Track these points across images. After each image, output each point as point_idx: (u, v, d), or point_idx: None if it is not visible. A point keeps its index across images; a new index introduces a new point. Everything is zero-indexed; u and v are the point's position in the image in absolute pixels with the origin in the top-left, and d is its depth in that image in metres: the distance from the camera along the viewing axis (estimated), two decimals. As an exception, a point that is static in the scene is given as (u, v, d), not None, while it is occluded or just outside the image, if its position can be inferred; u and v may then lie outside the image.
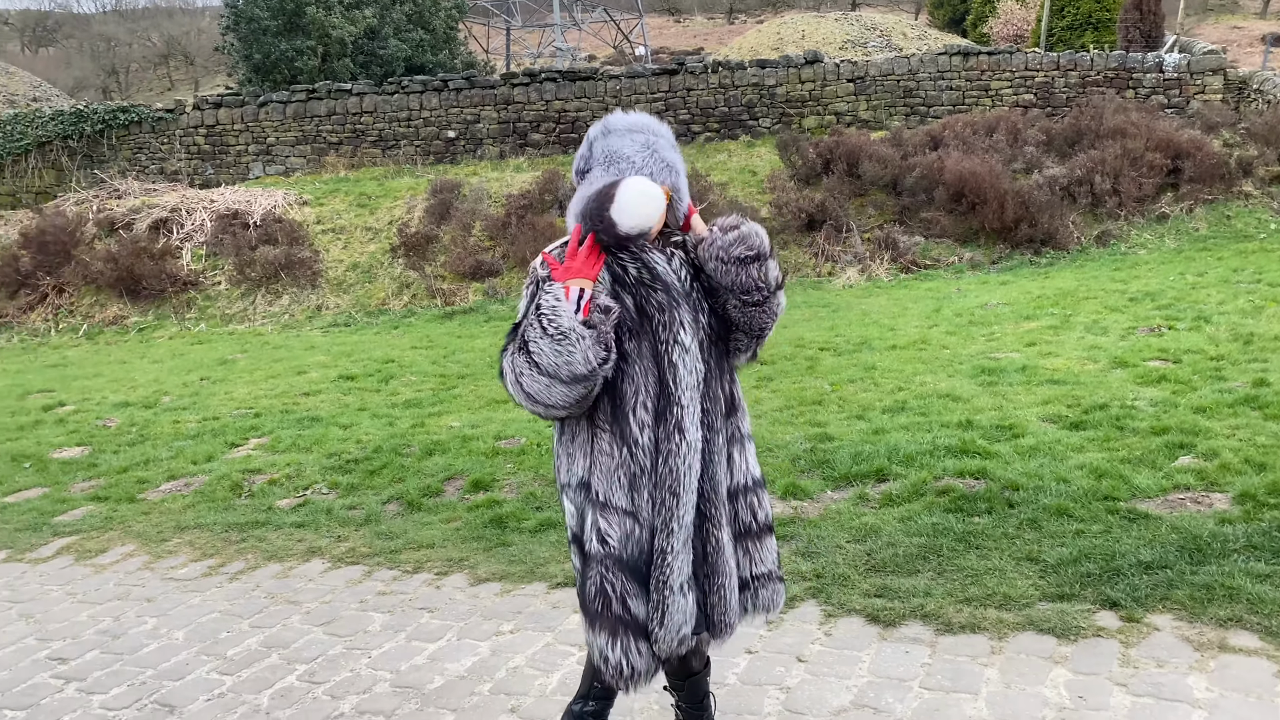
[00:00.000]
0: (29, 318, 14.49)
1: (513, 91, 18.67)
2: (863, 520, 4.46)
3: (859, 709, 3.07)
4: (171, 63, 55.80)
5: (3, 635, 4.07)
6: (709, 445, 2.47)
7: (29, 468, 6.68)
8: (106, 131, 18.75)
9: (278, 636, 3.88)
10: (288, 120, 18.86)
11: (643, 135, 2.46)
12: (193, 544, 4.99)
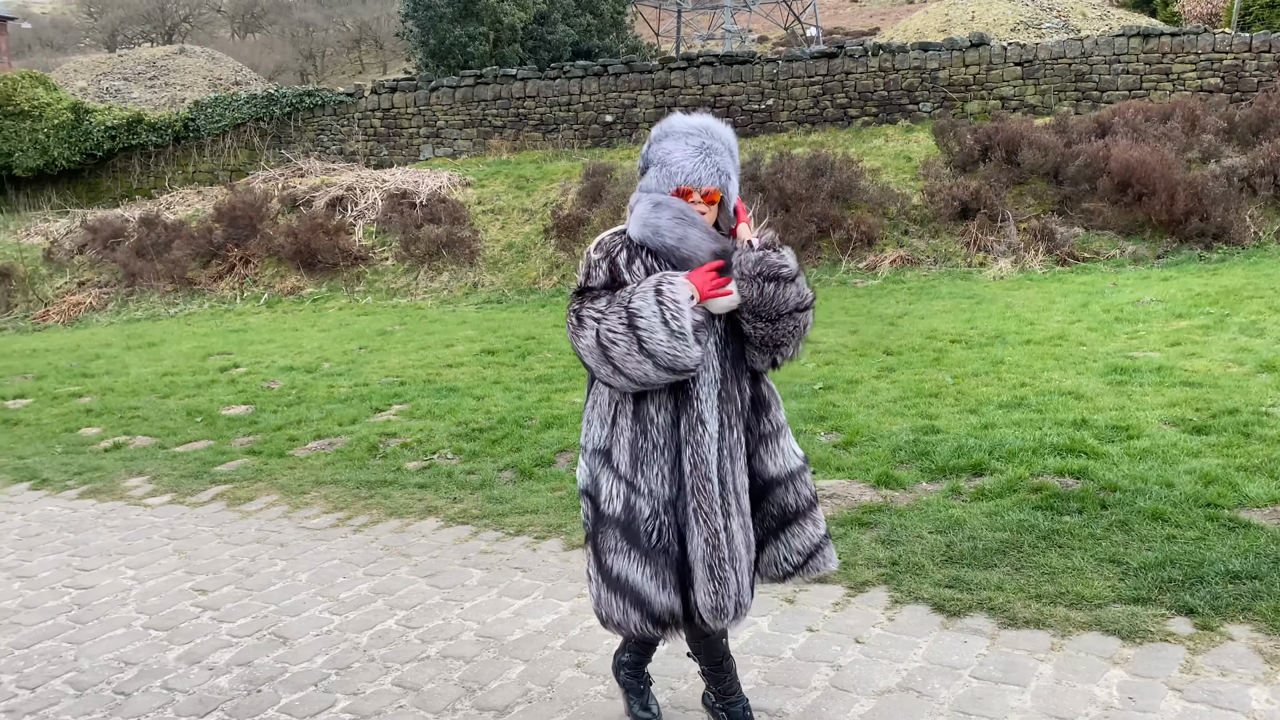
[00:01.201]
0: (219, 286, 15.82)
1: (670, 76, 18.91)
2: (949, 513, 4.48)
3: (903, 691, 3.16)
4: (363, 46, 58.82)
5: (158, 567, 4.63)
6: (722, 441, 2.64)
7: (200, 422, 7.42)
8: (294, 114, 20.13)
9: (386, 584, 4.27)
10: (456, 104, 19.74)
11: (699, 138, 2.60)
12: (327, 497, 5.49)
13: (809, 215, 14.24)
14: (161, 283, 15.84)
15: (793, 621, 3.69)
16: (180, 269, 15.96)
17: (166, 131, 20.22)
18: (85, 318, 15.47)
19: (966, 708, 3.05)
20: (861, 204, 14.58)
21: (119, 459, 6.59)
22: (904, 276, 12.99)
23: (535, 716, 3.15)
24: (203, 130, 20.17)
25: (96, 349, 11.68)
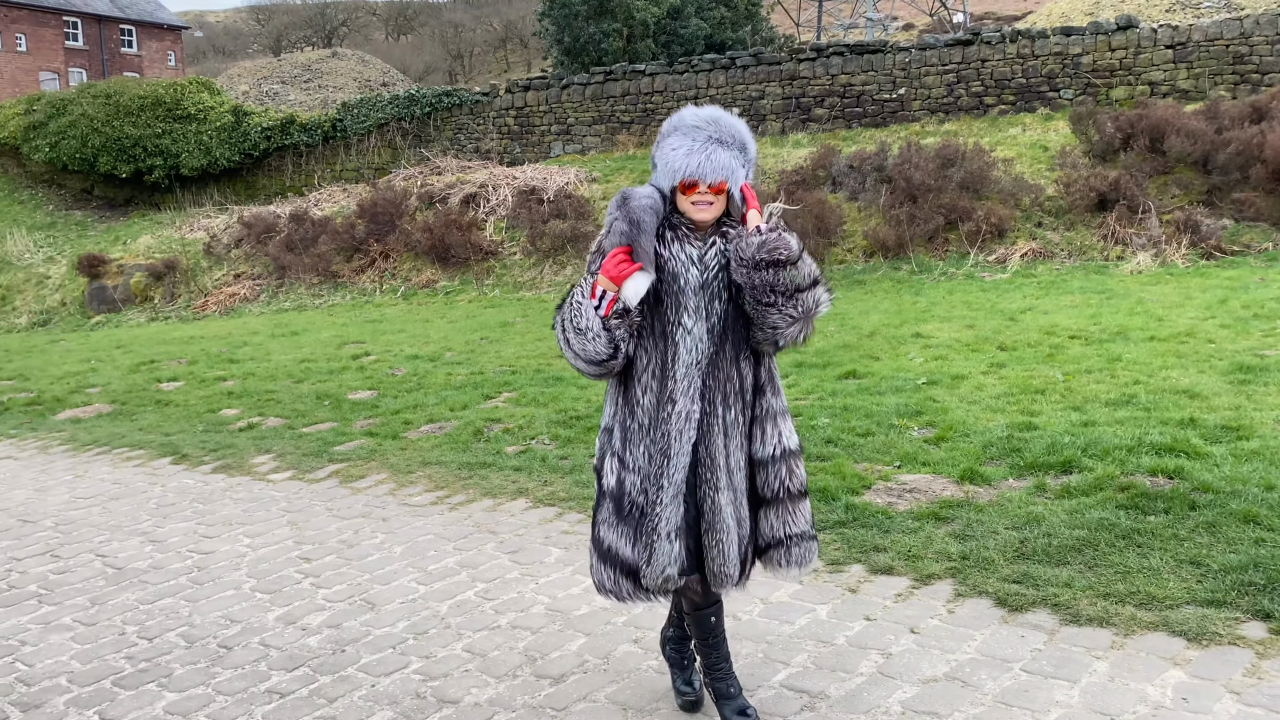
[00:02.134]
0: (360, 279, 16.67)
1: (798, 67, 18.78)
2: (1029, 509, 4.41)
3: (948, 681, 3.18)
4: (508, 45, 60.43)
5: (271, 536, 5.02)
6: (708, 418, 2.73)
7: (327, 405, 7.92)
8: (433, 114, 20.96)
9: (471, 559, 4.52)
10: (586, 101, 20.14)
11: (705, 131, 2.68)
12: (430, 477, 5.81)
13: (937, 206, 13.94)
14: (308, 275, 16.79)
15: (851, 610, 3.74)
16: (325, 262, 16.88)
17: (316, 132, 21.36)
18: (239, 308, 16.56)
19: (1010, 699, 3.04)
20: (993, 195, 14.17)
21: (251, 438, 7.12)
22: (1035, 270, 12.58)
23: (587, 686, 3.31)
24: (349, 130, 21.22)
25: (245, 337, 12.53)
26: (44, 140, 21.72)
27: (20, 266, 19.92)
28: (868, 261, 13.86)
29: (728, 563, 2.77)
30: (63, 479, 6.45)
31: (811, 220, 14.24)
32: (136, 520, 5.44)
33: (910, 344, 8.47)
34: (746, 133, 2.75)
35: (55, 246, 20.43)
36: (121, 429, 7.78)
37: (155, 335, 14.14)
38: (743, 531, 2.82)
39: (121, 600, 4.31)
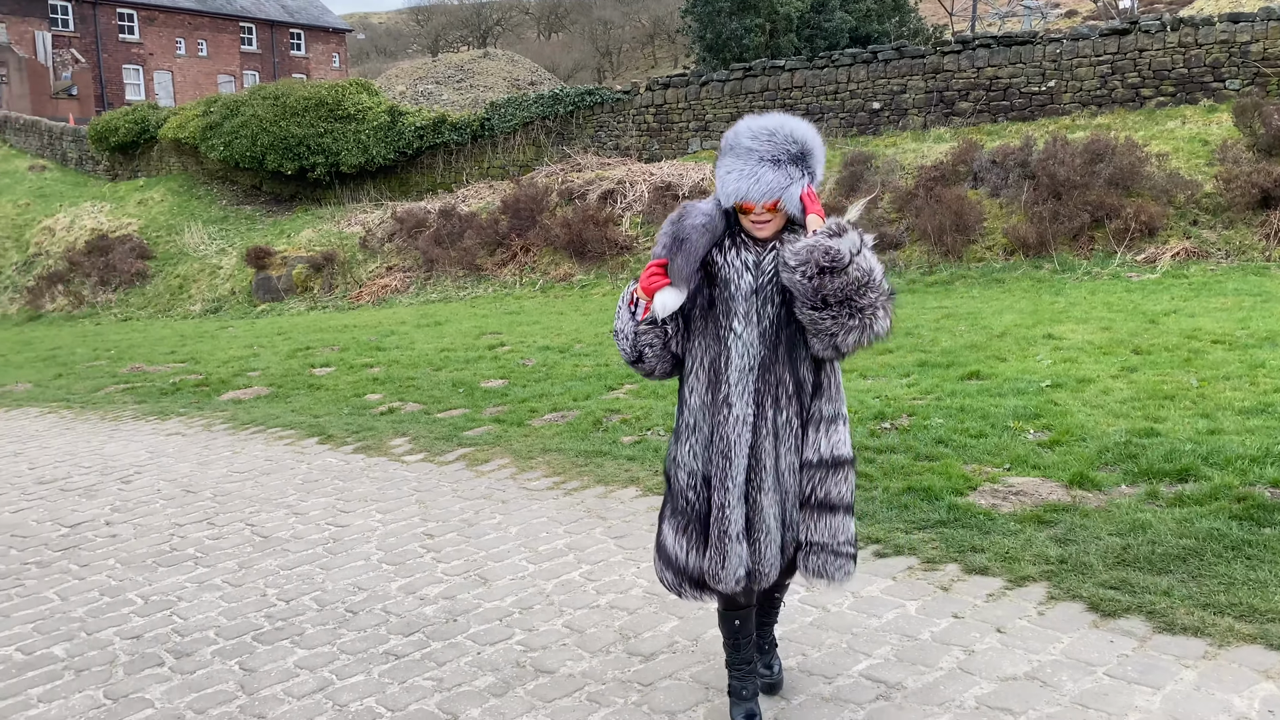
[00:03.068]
0: (502, 272, 17.30)
1: (942, 60, 18.36)
2: (1136, 516, 4.34)
3: (1027, 680, 3.21)
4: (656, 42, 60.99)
5: (400, 513, 5.41)
6: (758, 421, 2.81)
7: (461, 392, 8.35)
8: (575, 112, 21.47)
9: (580, 542, 4.77)
10: (724, 98, 20.24)
11: (756, 152, 2.72)
12: (549, 464, 6.10)
13: (1082, 203, 13.45)
14: (454, 268, 17.54)
15: (940, 607, 3.79)
16: (470, 256, 17.59)
17: (466, 130, 22.20)
18: (390, 298, 17.45)
19: (1087, 701, 3.06)
20: (1144, 192, 13.57)
21: (390, 421, 7.60)
22: (1187, 271, 12.01)
23: (674, 665, 3.50)
24: (496, 129, 21.96)
25: (393, 326, 13.24)
26: (219, 139, 23.33)
27: (196, 258, 21.52)
28: (1007, 260, 13.50)
29: (763, 561, 2.86)
30: (222, 454, 7.06)
31: (950, 217, 13.98)
32: (283, 494, 5.94)
33: (1040, 345, 8.28)
34: (809, 138, 2.78)
35: (227, 239, 21.96)
36: (276, 410, 8.43)
37: (313, 323, 15.09)
38: (788, 534, 2.89)
39: (265, 565, 4.76)
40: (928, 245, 14.13)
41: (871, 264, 2.69)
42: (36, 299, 21.99)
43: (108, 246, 22.35)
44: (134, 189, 25.72)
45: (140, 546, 5.15)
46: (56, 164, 30.64)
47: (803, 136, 2.77)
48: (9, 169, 30.45)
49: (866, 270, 2.67)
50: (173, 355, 12.25)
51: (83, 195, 26.30)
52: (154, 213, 23.96)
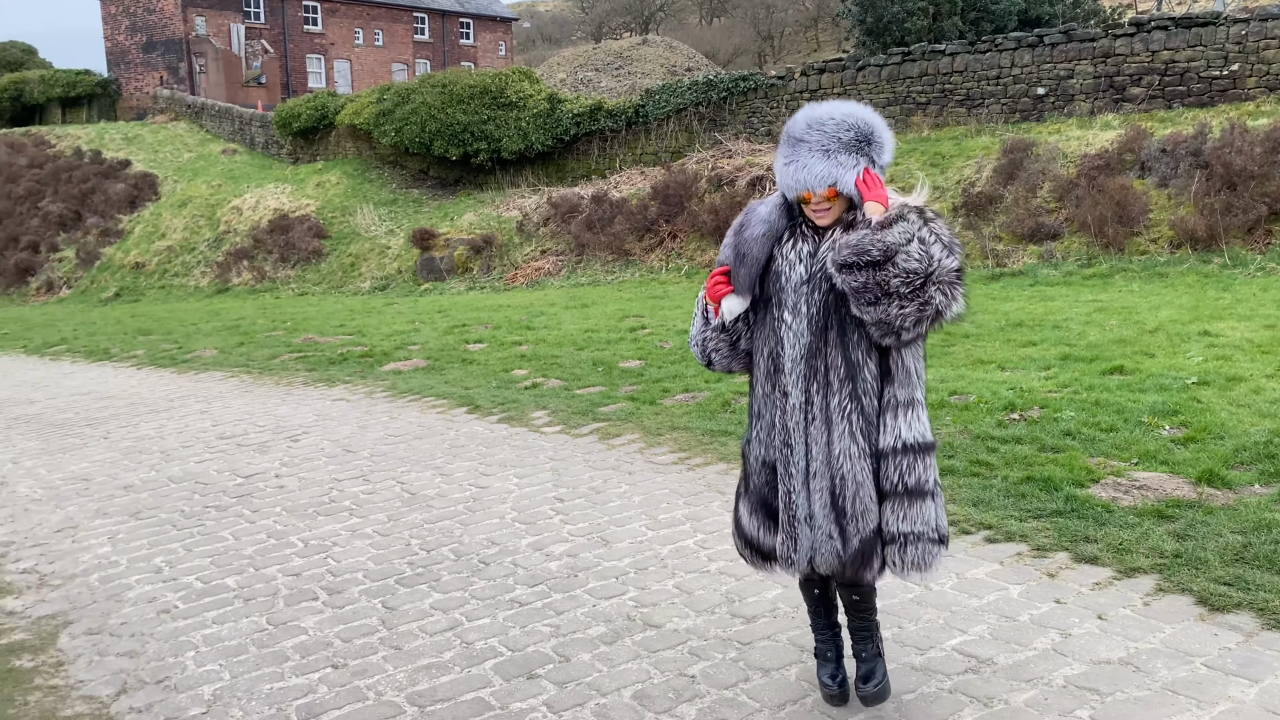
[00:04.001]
0: (649, 257, 17.66)
1: (1114, 43, 17.55)
2: (1263, 515, 4.24)
3: (1120, 665, 3.26)
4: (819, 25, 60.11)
5: (535, 479, 5.78)
6: (808, 407, 2.85)
7: (600, 371, 8.71)
8: (729, 98, 21.58)
9: (697, 513, 5.01)
10: (881, 83, 19.94)
11: (807, 142, 2.74)
12: (676, 440, 6.36)
13: (1260, 194, 12.70)
14: (603, 253, 18.01)
15: (1043, 593, 3.84)
16: (620, 241, 18.02)
17: (620, 117, 22.64)
18: (543, 281, 18.09)
19: (1179, 688, 3.09)
20: None
21: (533, 395, 8.02)
22: (1375, 267, 11.19)
23: (773, 628, 3.70)
24: (650, 115, 22.31)
25: (543, 307, 13.79)
26: (390, 126, 24.58)
27: (367, 238, 22.82)
28: (1172, 253, 12.88)
29: (810, 548, 2.89)
30: (380, 419, 7.64)
31: (1111, 208, 13.44)
32: (432, 457, 6.42)
33: (1194, 342, 7.96)
34: (868, 124, 2.76)
35: (395, 221, 23.18)
36: (431, 381, 9.00)
37: (470, 303, 15.85)
38: (854, 526, 2.85)
39: (411, 519, 5.20)
40: (1087, 237, 13.63)
41: (929, 250, 2.64)
42: (224, 273, 23.81)
43: (288, 226, 23.96)
44: (313, 172, 27.42)
45: (303, 497, 5.70)
46: (245, 148, 32.96)
47: (857, 122, 2.76)
48: (204, 152, 32.97)
49: (921, 257, 2.63)
50: (342, 328, 13.15)
51: (267, 177, 28.23)
52: (330, 195, 25.50)
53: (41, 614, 4.27)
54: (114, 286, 25.61)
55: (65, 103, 43.51)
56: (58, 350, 14.00)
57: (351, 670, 3.56)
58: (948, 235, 2.71)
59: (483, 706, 3.26)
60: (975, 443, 5.64)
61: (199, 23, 43.14)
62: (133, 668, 3.70)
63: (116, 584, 4.55)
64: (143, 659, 3.76)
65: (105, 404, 9.28)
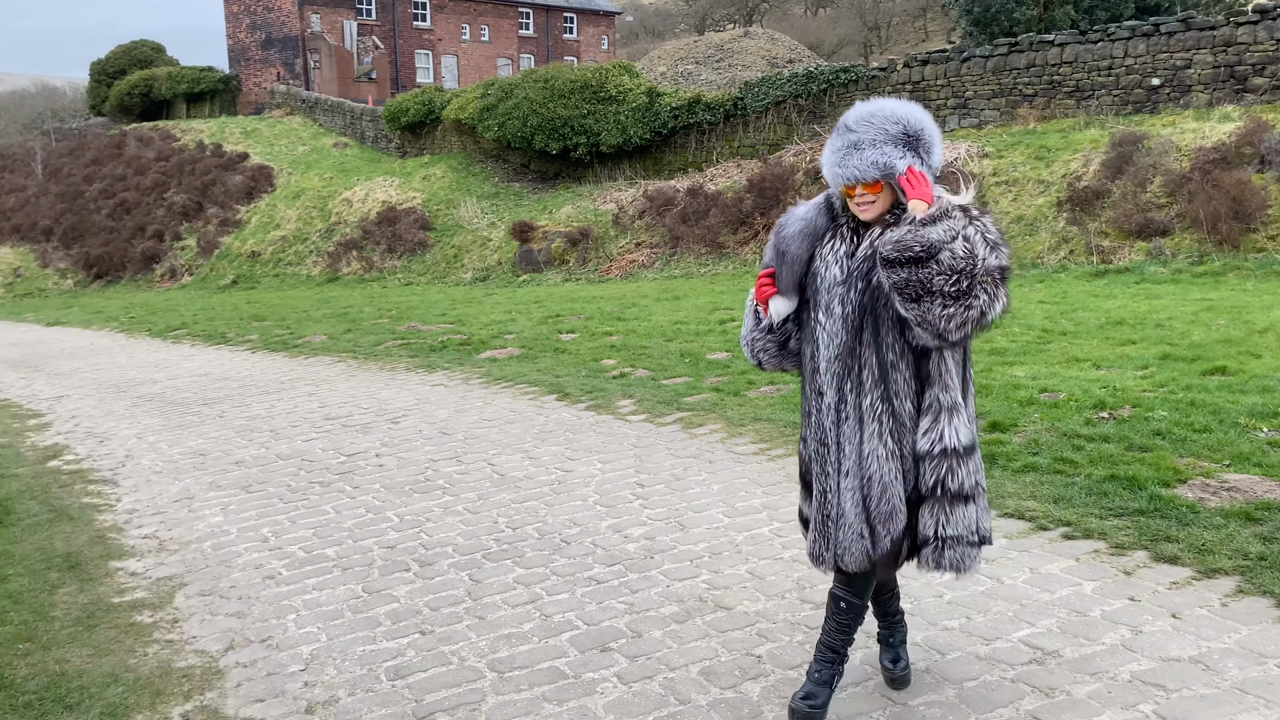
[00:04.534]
0: (743, 250, 17.70)
1: (1236, 31, 16.83)
2: (1357, 520, 4.13)
3: (1190, 663, 3.25)
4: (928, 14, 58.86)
5: (619, 464, 5.95)
6: (840, 405, 2.86)
7: (687, 362, 8.84)
8: (829, 90, 21.42)
9: (774, 502, 5.10)
10: (986, 74, 19.52)
11: (852, 135, 2.76)
12: (758, 431, 6.45)
13: (1389, 190, 12.05)
14: (697, 246, 18.12)
15: (1117, 589, 3.83)
16: (714, 234, 18.10)
17: (719, 110, 22.70)
18: (636, 273, 18.30)
19: (1248, 688, 3.07)
20: None
21: (620, 384, 8.21)
22: None
23: (841, 613, 3.78)
24: (749, 108, 22.31)
25: (635, 299, 13.98)
26: (494, 120, 25.14)
27: (469, 230, 23.40)
28: (1291, 250, 12.34)
29: (839, 547, 2.89)
30: (475, 404, 7.93)
31: (1227, 203, 12.94)
32: (521, 440, 6.65)
33: (1305, 343, 7.68)
34: (918, 122, 2.77)
35: (497, 214, 23.71)
36: (524, 369, 9.28)
37: (565, 294, 16.15)
38: (860, 522, 2.86)
39: (499, 498, 5.43)
40: (1199, 233, 13.15)
41: (974, 248, 2.63)
42: (335, 263, 24.72)
43: (395, 218, 24.73)
44: (419, 165, 28.21)
45: (400, 475, 6.00)
46: (356, 141, 34.09)
47: (905, 117, 2.77)
48: (317, 146, 34.20)
49: (964, 256, 2.61)
50: (443, 317, 13.59)
51: (376, 170, 29.15)
52: (435, 188, 26.21)
53: (160, 575, 4.63)
54: (231, 274, 26.83)
55: (190, 98, 45.67)
56: (179, 334, 14.81)
57: (438, 636, 3.78)
58: (994, 233, 2.71)
59: (557, 674, 3.43)
60: (1061, 440, 5.59)
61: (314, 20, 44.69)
62: (239, 627, 3.99)
63: (227, 550, 4.89)
64: (249, 619, 4.06)
65: (221, 385, 9.83)
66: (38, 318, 21.35)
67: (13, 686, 3.53)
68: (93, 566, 4.76)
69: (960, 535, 2.85)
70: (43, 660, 3.74)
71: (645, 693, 3.29)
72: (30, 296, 30.29)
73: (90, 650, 3.82)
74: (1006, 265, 2.71)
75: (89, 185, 35.61)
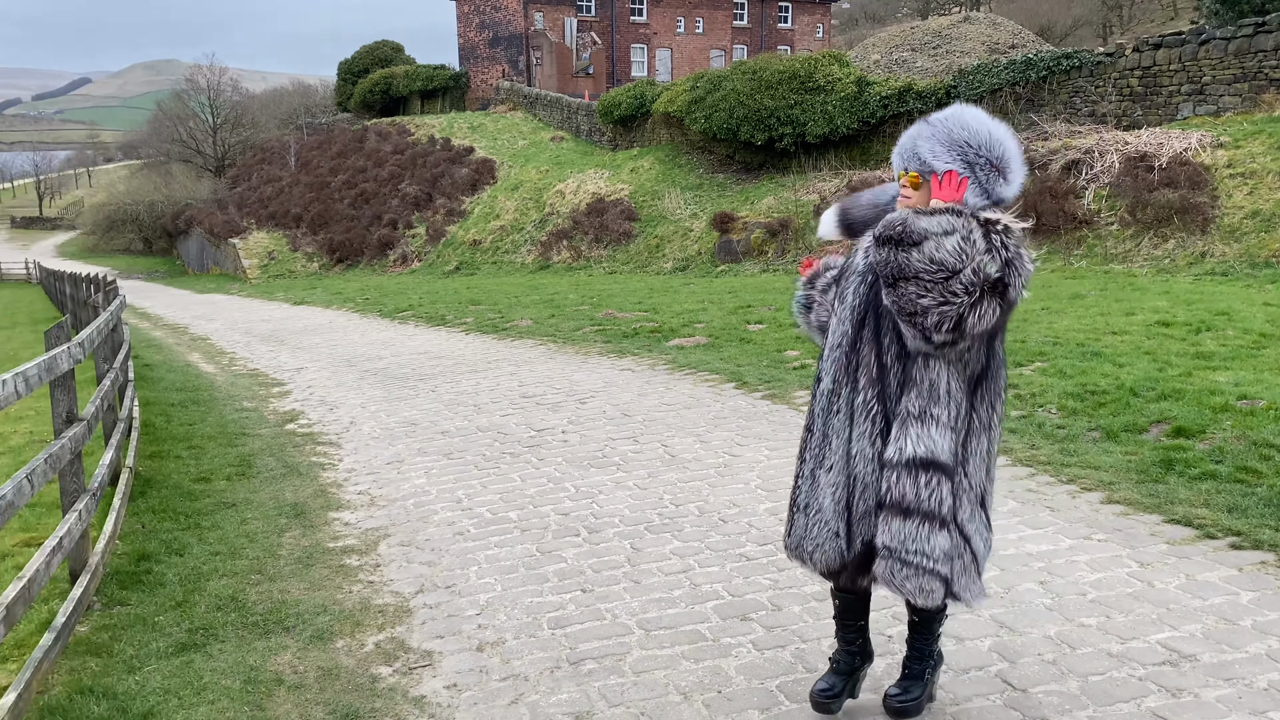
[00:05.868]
0: (948, 243, 17.28)
1: None
2: None
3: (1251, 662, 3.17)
4: (1180, -10, 54.59)
5: (787, 451, 6.17)
6: (834, 397, 2.86)
7: (871, 356, 8.90)
8: (1048, 77, 20.47)
9: (934, 495, 5.18)
10: (1228, 57, 18.10)
11: (932, 125, 2.81)
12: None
13: None
14: (900, 238, 17.84)
15: (1277, 601, 3.73)
16: (917, 226, 17.76)
17: (930, 99, 22.13)
18: (836, 265, 18.23)
19: (1394, 709, 2.98)
20: None
21: (799, 375, 8.39)
22: None
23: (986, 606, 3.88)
24: (963, 96, 21.62)
25: (830, 291, 14.00)
26: (701, 113, 25.56)
27: (672, 221, 23.97)
28: None
29: (806, 538, 2.87)
30: (658, 389, 8.34)
31: None
32: (695, 425, 6.99)
33: None
34: (983, 137, 2.76)
35: (699, 204, 24.15)
36: (708, 357, 9.61)
37: (760, 285, 16.36)
38: (836, 519, 2.84)
39: (667, 477, 5.79)
40: None
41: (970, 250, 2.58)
42: (546, 251, 25.95)
43: (603, 209, 25.65)
44: (628, 158, 29.09)
45: (581, 451, 6.47)
46: (571, 135, 35.47)
47: (977, 131, 2.77)
48: (536, 140, 35.85)
49: (954, 253, 2.57)
50: (639, 305, 14.13)
51: (589, 163, 30.28)
52: (642, 179, 26.96)
53: (368, 526, 5.28)
54: (455, 261, 28.67)
55: (423, 94, 48.89)
56: (405, 315, 16.11)
57: (596, 595, 4.18)
58: (1009, 250, 2.61)
59: (698, 637, 3.74)
60: (1249, 449, 5.35)
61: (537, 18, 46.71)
62: (429, 574, 4.54)
63: (426, 509, 5.50)
64: (438, 568, 4.60)
65: (436, 362, 10.73)
66: (286, 297, 23.67)
67: (245, 608, 4.21)
68: (314, 515, 5.49)
69: (906, 552, 2.73)
70: (269, 590, 4.42)
71: (776, 659, 3.54)
72: (281, 277, 33.50)
73: (306, 584, 4.47)
74: (1004, 279, 2.59)
75: (334, 176, 38.88)
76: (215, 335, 16.09)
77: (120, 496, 5.30)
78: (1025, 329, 9.51)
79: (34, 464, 3.57)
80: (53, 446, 3.90)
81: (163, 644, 3.88)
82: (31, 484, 3.45)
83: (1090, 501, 4.96)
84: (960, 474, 2.77)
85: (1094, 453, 5.65)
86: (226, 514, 5.53)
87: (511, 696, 3.40)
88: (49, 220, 77.97)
